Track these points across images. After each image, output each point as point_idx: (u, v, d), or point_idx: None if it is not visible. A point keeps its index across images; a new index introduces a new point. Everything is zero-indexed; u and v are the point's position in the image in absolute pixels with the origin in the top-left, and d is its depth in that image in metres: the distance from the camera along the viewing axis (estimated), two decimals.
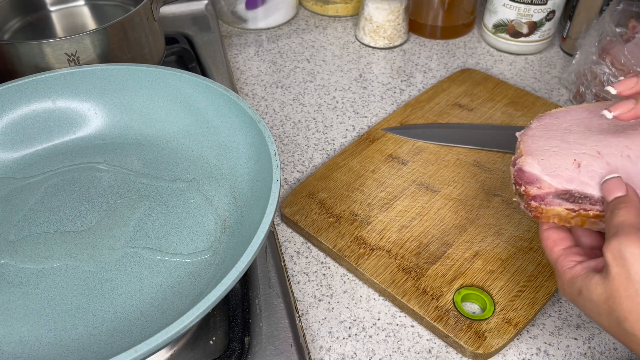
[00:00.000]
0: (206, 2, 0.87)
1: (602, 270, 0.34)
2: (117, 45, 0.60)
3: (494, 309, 0.47)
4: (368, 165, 0.60)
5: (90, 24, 0.73)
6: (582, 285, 0.35)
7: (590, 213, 0.37)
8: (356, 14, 0.89)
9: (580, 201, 0.38)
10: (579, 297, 0.35)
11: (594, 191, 0.38)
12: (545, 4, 0.74)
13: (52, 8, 0.73)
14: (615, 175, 0.37)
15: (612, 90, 0.40)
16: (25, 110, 0.56)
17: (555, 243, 0.39)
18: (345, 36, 0.85)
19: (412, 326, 0.48)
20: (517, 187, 0.40)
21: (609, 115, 0.39)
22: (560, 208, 0.38)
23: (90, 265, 0.46)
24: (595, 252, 0.39)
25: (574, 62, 0.70)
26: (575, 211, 0.38)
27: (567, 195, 0.38)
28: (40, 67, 0.57)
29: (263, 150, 0.47)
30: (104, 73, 0.56)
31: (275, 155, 0.45)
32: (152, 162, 0.55)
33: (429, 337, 0.47)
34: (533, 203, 0.38)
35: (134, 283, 0.45)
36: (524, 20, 0.76)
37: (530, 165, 0.40)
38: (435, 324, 0.46)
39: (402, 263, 0.50)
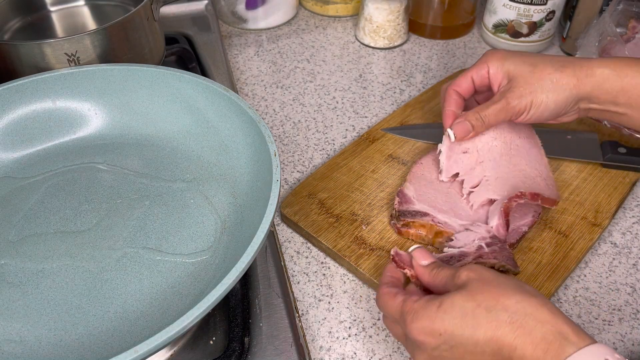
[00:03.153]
0: (206, 2, 0.87)
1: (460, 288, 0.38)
2: (117, 45, 0.60)
3: None
4: (368, 165, 0.60)
5: (90, 24, 0.73)
6: (442, 299, 0.37)
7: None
8: (356, 14, 0.89)
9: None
10: (439, 310, 0.37)
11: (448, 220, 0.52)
12: (545, 4, 0.74)
13: (52, 8, 0.73)
14: (420, 246, 0.45)
15: (451, 136, 0.52)
16: (26, 110, 0.56)
17: (396, 292, 0.40)
18: (345, 36, 0.86)
19: None
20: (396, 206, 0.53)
21: (452, 137, 0.51)
22: (424, 220, 0.51)
23: (90, 265, 0.46)
24: None
25: None
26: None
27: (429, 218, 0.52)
28: (41, 67, 0.57)
29: (263, 150, 0.47)
30: (104, 73, 0.56)
31: (275, 155, 0.45)
32: (152, 162, 0.55)
33: None
34: (406, 219, 0.51)
35: (134, 283, 0.45)
36: (523, 21, 0.76)
37: (408, 189, 0.54)
38: None
39: None
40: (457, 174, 0.54)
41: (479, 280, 0.37)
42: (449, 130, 0.51)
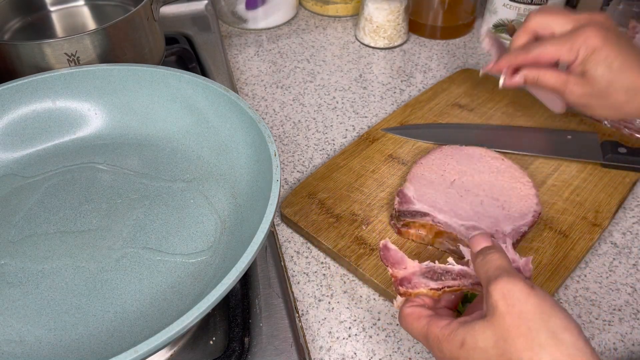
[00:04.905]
0: (206, 2, 0.87)
1: (486, 315, 0.34)
2: (117, 45, 0.60)
3: None
4: (368, 165, 0.60)
5: (90, 24, 0.73)
6: (464, 335, 0.34)
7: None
8: (356, 14, 0.89)
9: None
10: (462, 350, 0.34)
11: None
12: (545, 4, 0.74)
13: (52, 8, 0.73)
14: (480, 232, 0.42)
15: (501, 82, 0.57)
16: (25, 110, 0.56)
17: (420, 314, 0.38)
18: (345, 36, 0.85)
19: None
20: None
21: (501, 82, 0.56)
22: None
23: (90, 265, 0.46)
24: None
25: None
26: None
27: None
28: (41, 67, 0.57)
29: (263, 150, 0.47)
30: (104, 73, 0.56)
31: (275, 155, 0.45)
32: (152, 162, 0.55)
33: None
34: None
35: (134, 283, 0.45)
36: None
37: (408, 189, 0.54)
38: None
39: None
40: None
41: (508, 314, 0.32)
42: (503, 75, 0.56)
